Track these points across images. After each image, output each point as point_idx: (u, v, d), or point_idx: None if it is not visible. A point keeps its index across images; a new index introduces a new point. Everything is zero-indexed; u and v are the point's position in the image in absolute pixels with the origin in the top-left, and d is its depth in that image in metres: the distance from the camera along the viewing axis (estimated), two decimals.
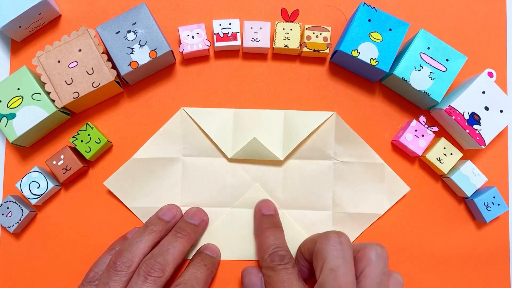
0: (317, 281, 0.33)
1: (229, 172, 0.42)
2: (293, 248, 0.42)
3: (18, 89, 0.39)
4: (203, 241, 0.42)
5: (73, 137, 0.41)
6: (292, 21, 0.42)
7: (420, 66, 0.40)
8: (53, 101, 0.39)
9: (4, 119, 0.39)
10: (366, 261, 0.34)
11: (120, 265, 0.35)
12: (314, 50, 0.42)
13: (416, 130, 0.42)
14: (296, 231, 0.42)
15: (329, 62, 0.44)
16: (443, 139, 0.42)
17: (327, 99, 0.44)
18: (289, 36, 0.42)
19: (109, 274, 0.35)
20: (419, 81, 0.40)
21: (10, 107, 0.39)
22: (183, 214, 0.41)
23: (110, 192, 0.42)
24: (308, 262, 0.38)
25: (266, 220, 0.40)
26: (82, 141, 0.41)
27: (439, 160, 0.42)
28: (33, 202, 0.40)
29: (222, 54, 0.44)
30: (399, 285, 0.35)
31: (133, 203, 0.42)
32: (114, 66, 0.40)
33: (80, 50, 0.39)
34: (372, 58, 0.40)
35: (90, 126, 0.41)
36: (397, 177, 0.43)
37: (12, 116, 0.39)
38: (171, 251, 0.37)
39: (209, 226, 0.42)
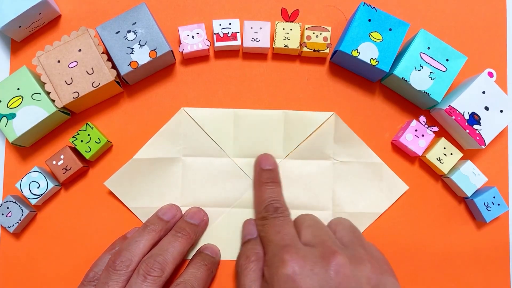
0: None
1: (229, 172, 0.42)
2: None
3: (18, 89, 0.39)
4: (203, 241, 0.42)
5: (73, 137, 0.41)
6: (292, 21, 0.42)
7: (420, 66, 0.40)
8: (53, 101, 0.39)
9: (4, 119, 0.39)
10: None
11: (119, 265, 0.35)
12: (314, 50, 0.42)
13: (416, 130, 0.42)
14: None
15: (329, 62, 0.44)
16: (443, 139, 0.42)
17: (327, 99, 0.44)
18: (289, 36, 0.42)
19: (108, 273, 0.35)
20: (419, 81, 0.40)
21: (10, 107, 0.39)
22: (183, 214, 0.41)
23: (110, 192, 0.42)
24: None
25: (264, 175, 0.40)
26: (82, 141, 0.41)
27: (439, 160, 0.42)
28: (33, 202, 0.40)
29: (222, 54, 0.44)
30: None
31: (133, 203, 0.42)
32: (114, 66, 0.40)
33: (80, 50, 0.39)
34: (372, 58, 0.40)
35: (90, 126, 0.41)
36: (395, 176, 0.43)
37: (12, 116, 0.39)
38: (170, 250, 0.37)
39: (209, 226, 0.42)
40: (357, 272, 0.32)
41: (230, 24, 0.42)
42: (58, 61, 0.39)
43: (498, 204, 0.42)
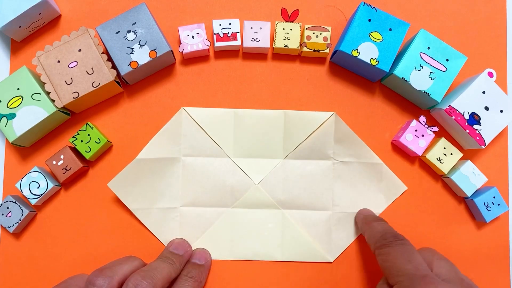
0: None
1: (229, 172, 0.42)
2: (293, 248, 0.42)
3: (18, 89, 0.39)
4: (203, 240, 0.42)
5: (73, 137, 0.41)
6: (292, 21, 0.42)
7: (420, 66, 0.40)
8: (53, 101, 0.39)
9: (4, 119, 0.39)
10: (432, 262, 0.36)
11: (98, 281, 0.34)
12: (314, 50, 0.42)
13: (416, 130, 0.42)
14: (296, 231, 0.42)
15: (329, 62, 0.44)
16: (443, 139, 0.42)
17: (327, 99, 0.44)
18: (289, 36, 0.42)
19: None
20: (419, 81, 0.40)
21: (10, 107, 0.39)
22: (166, 245, 0.41)
23: (110, 192, 0.42)
24: None
25: (370, 217, 0.40)
26: (82, 141, 0.41)
27: (439, 160, 0.42)
28: (33, 202, 0.40)
29: (222, 54, 0.44)
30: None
31: (134, 205, 0.42)
32: (114, 66, 0.40)
33: (80, 50, 0.39)
34: (372, 58, 0.40)
35: (90, 126, 0.41)
36: (394, 176, 0.43)
37: (12, 116, 0.39)
38: (159, 270, 0.36)
39: (209, 226, 0.42)
40: None
41: (230, 24, 0.42)
42: (58, 61, 0.39)
43: (498, 204, 0.42)
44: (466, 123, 0.40)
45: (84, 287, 0.34)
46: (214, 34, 0.42)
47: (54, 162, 0.40)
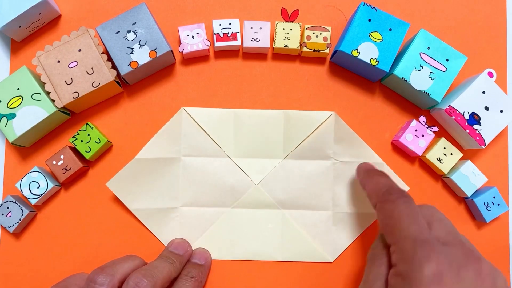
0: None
1: (229, 172, 0.42)
2: (293, 248, 0.42)
3: (18, 89, 0.39)
4: (203, 240, 0.42)
5: (73, 137, 0.41)
6: (292, 21, 0.42)
7: (420, 66, 0.40)
8: (53, 101, 0.39)
9: (4, 119, 0.39)
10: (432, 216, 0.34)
11: (100, 278, 0.34)
12: (314, 50, 0.42)
13: (416, 130, 0.42)
14: (296, 231, 0.42)
15: (329, 62, 0.44)
16: (443, 139, 0.42)
17: (327, 99, 0.44)
18: (289, 36, 0.42)
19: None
20: (419, 81, 0.40)
21: (10, 107, 0.39)
22: (166, 245, 0.42)
23: (110, 192, 0.42)
24: None
25: (373, 170, 0.39)
26: (82, 141, 0.41)
27: (439, 160, 0.42)
28: (33, 202, 0.40)
29: (222, 54, 0.44)
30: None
31: (134, 205, 0.42)
32: (114, 66, 0.40)
33: (80, 50, 0.39)
34: (372, 58, 0.40)
35: (90, 126, 0.41)
36: (395, 176, 0.43)
37: (12, 116, 0.39)
38: (160, 269, 0.36)
39: (209, 226, 0.42)
40: (496, 278, 0.30)
41: (230, 24, 0.42)
42: (58, 61, 0.39)
43: (498, 204, 0.42)
44: (466, 123, 0.40)
45: (85, 285, 0.34)
46: (214, 34, 0.42)
47: (54, 162, 0.40)
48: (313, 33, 0.42)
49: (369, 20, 0.40)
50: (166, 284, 0.36)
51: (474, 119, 0.40)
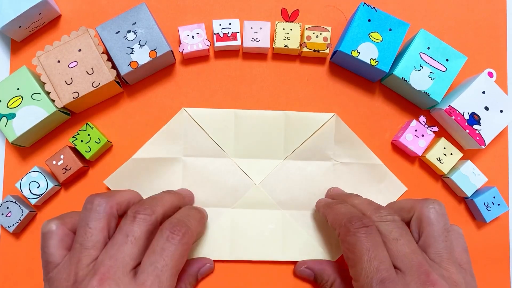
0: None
1: (229, 173, 0.42)
2: (294, 248, 0.42)
3: (18, 89, 0.39)
4: (204, 239, 0.42)
5: (73, 137, 0.41)
6: (292, 21, 0.42)
7: (420, 66, 0.40)
8: (53, 101, 0.39)
9: (4, 119, 0.39)
10: (426, 221, 0.33)
11: (142, 212, 0.32)
12: (314, 50, 0.42)
13: (416, 130, 0.42)
14: (296, 232, 0.42)
15: (329, 62, 0.44)
16: (443, 139, 0.42)
17: (327, 99, 0.44)
18: (289, 36, 0.42)
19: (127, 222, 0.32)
20: (419, 81, 0.40)
21: (10, 107, 0.39)
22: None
23: None
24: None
25: (332, 202, 0.38)
26: (82, 141, 0.41)
27: (439, 160, 0.42)
28: (33, 202, 0.40)
29: (222, 54, 0.44)
30: (460, 237, 0.35)
31: None
32: (114, 66, 0.40)
33: (80, 50, 0.39)
34: (372, 58, 0.40)
35: (90, 126, 0.41)
36: (394, 177, 0.43)
37: (12, 116, 0.39)
38: (192, 216, 0.35)
39: (209, 226, 0.42)
40: None
41: (230, 24, 0.42)
42: (58, 61, 0.39)
43: (498, 204, 0.42)
44: (466, 123, 0.40)
45: (83, 208, 0.32)
46: (214, 34, 0.42)
47: (54, 162, 0.40)
48: (313, 33, 0.42)
49: (369, 20, 0.40)
50: (169, 212, 0.35)
51: (474, 119, 0.40)
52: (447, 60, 0.41)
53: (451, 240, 0.33)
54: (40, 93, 0.39)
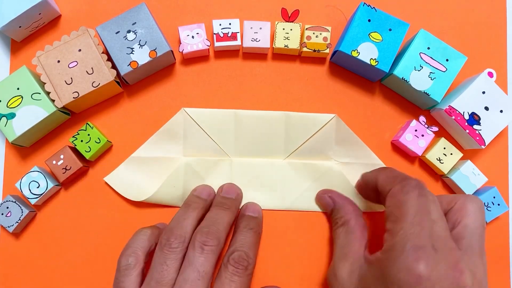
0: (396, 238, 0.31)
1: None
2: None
3: (18, 89, 0.39)
4: None
5: (73, 137, 0.41)
6: (292, 21, 0.42)
7: (420, 66, 0.40)
8: (53, 101, 0.39)
9: (4, 119, 0.39)
10: (466, 214, 0.33)
11: (175, 242, 0.35)
12: (314, 50, 0.42)
13: (416, 130, 0.42)
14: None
15: (329, 62, 0.44)
16: (443, 139, 0.42)
17: (327, 99, 0.44)
18: (289, 36, 0.42)
19: (163, 253, 0.35)
20: (419, 81, 0.40)
21: (10, 107, 0.39)
22: (217, 191, 0.42)
23: (110, 192, 0.42)
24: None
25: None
26: (82, 141, 0.41)
27: (439, 160, 0.42)
28: (33, 202, 0.40)
29: (222, 54, 0.44)
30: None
31: (135, 198, 0.42)
32: (114, 66, 0.40)
33: (80, 50, 0.39)
34: (372, 58, 0.40)
35: (90, 126, 0.41)
36: None
37: (11, 116, 0.39)
38: (219, 221, 0.37)
39: None
40: None
41: (230, 24, 0.42)
42: (58, 61, 0.39)
43: (498, 204, 0.42)
44: (466, 123, 0.40)
45: (158, 248, 0.36)
46: (214, 34, 0.42)
47: (54, 162, 0.40)
48: (313, 33, 0.42)
49: (369, 20, 0.40)
50: (228, 231, 0.37)
51: (474, 119, 0.40)
52: (447, 60, 0.41)
53: (484, 239, 0.33)
54: (40, 93, 0.39)
